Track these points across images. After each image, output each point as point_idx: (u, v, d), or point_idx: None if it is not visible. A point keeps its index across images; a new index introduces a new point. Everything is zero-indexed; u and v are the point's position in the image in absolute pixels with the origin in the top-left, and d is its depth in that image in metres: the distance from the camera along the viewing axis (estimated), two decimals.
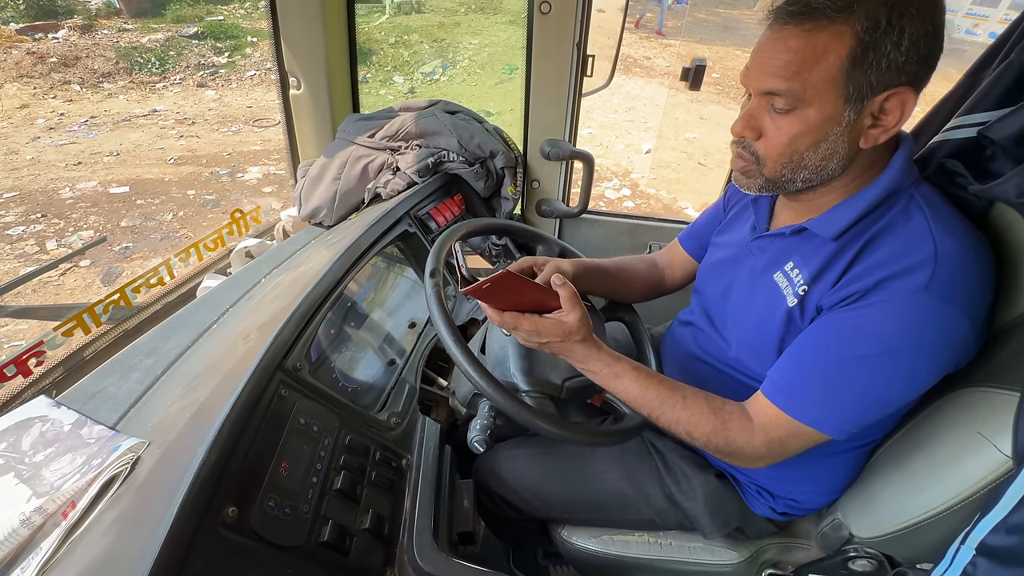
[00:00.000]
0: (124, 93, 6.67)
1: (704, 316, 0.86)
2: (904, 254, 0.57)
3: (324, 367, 0.80)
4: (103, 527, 0.51)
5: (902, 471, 0.69)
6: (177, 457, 0.54)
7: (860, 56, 0.53)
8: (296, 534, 0.56)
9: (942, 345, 0.57)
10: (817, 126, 0.58)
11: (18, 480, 0.63)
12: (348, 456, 0.68)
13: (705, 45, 8.98)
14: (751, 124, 0.62)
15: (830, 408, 0.61)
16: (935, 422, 0.67)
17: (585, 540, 0.89)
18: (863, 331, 0.57)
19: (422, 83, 7.14)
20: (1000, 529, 0.56)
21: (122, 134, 5.57)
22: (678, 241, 1.00)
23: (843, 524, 0.77)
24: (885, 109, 0.56)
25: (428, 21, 8.89)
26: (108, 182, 4.62)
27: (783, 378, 0.64)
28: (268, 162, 5.13)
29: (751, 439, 0.65)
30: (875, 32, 0.52)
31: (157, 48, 7.43)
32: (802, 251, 0.68)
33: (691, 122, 5.87)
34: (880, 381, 0.58)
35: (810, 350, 0.62)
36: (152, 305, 1.05)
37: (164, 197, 4.45)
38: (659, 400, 0.68)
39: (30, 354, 0.83)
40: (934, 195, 0.61)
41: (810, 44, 0.54)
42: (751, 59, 0.60)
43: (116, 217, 4.17)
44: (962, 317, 0.55)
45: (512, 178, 1.30)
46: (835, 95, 0.55)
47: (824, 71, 0.54)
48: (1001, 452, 0.57)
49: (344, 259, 0.89)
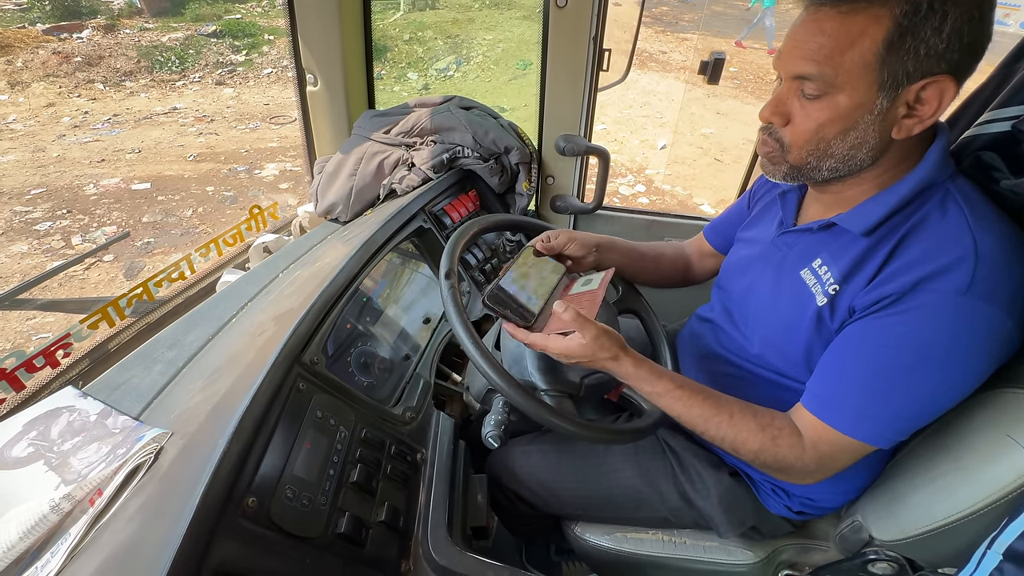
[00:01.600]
0: (145, 91, 6.81)
1: (725, 313, 0.84)
2: (941, 252, 0.55)
3: (340, 361, 0.81)
4: (128, 514, 0.52)
5: (928, 474, 0.67)
6: (199, 448, 0.55)
7: (897, 41, 0.51)
8: (314, 525, 0.57)
9: (988, 348, 0.55)
10: (847, 113, 0.56)
11: (47, 468, 0.65)
12: (364, 449, 0.69)
13: (722, 39, 8.83)
14: (779, 109, 0.60)
15: (879, 421, 0.59)
16: (962, 424, 0.65)
17: (599, 537, 0.89)
18: (906, 341, 0.56)
19: (436, 79, 7.15)
20: None
21: (143, 132, 5.69)
22: (703, 234, 1.00)
23: (863, 526, 0.76)
24: (922, 98, 0.54)
25: (442, 17, 8.89)
26: (130, 179, 4.73)
27: (827, 392, 0.62)
28: (284, 159, 5.20)
29: (801, 455, 0.63)
30: (915, 16, 0.50)
31: (177, 47, 7.56)
32: (831, 248, 0.66)
33: (707, 117, 5.78)
34: (929, 390, 0.57)
35: (853, 361, 0.60)
36: (174, 299, 1.07)
37: (184, 193, 4.54)
38: (703, 418, 0.66)
39: (58, 346, 0.85)
40: (971, 189, 0.59)
41: (845, 27, 0.52)
42: (784, 42, 0.59)
43: (138, 213, 4.27)
44: (1005, 316, 0.53)
45: (527, 174, 1.29)
46: (868, 81, 0.53)
47: (858, 55, 0.52)
48: None
49: (360, 255, 0.90)
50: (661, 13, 10.14)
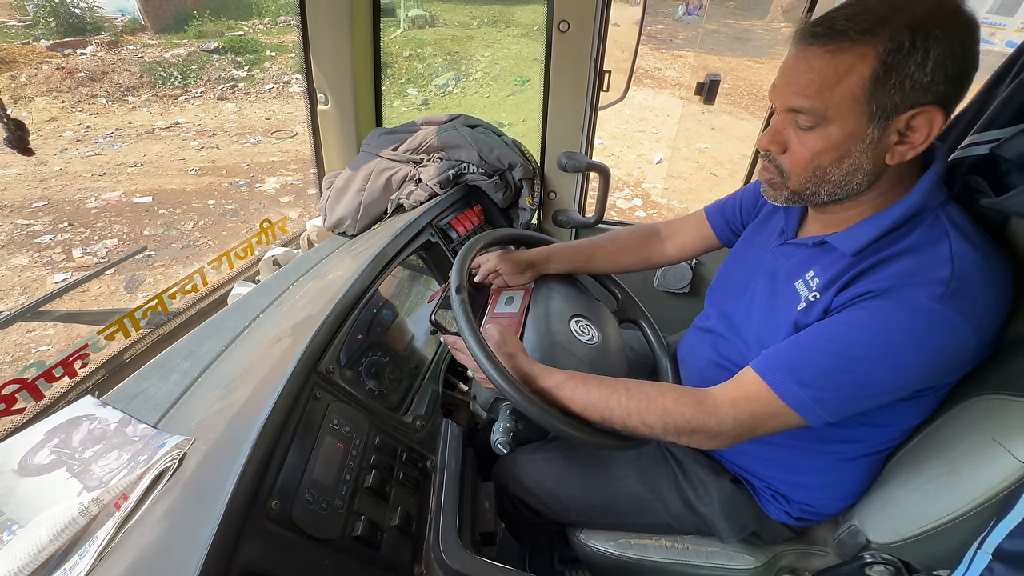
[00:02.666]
0: (148, 106, 6.89)
1: (724, 321, 0.86)
2: (921, 268, 0.59)
3: (352, 371, 0.83)
4: (155, 518, 0.54)
5: (920, 477, 0.70)
6: (222, 454, 0.58)
7: (883, 77, 0.54)
8: (332, 528, 0.59)
9: (945, 356, 0.58)
10: (840, 143, 0.59)
11: (70, 474, 0.67)
12: (378, 456, 0.71)
13: (716, 56, 9.02)
14: (776, 139, 0.64)
15: (816, 393, 0.61)
16: (952, 429, 0.68)
17: (603, 543, 0.90)
18: (872, 328, 0.59)
19: (436, 95, 7.27)
20: (1016, 534, 0.57)
21: (145, 146, 5.75)
22: (703, 213, 0.99)
23: (860, 530, 0.78)
24: (912, 127, 0.57)
25: (442, 34, 9.06)
26: (132, 192, 4.77)
27: (779, 355, 0.64)
28: (285, 172, 5.26)
29: (715, 412, 0.65)
30: (898, 53, 0.53)
31: (180, 63, 7.67)
32: (822, 262, 0.69)
33: (703, 132, 5.89)
34: (874, 381, 0.59)
35: (814, 334, 0.63)
36: (186, 311, 1.10)
37: (185, 207, 4.58)
38: (604, 399, 0.69)
39: (76, 356, 0.88)
40: (961, 217, 0.62)
41: (832, 65, 0.56)
42: (778, 76, 0.63)
43: (139, 226, 4.30)
44: (971, 332, 0.57)
45: (530, 189, 1.33)
46: (858, 113, 0.57)
47: (846, 90, 0.56)
48: (1017, 459, 0.58)
49: (371, 268, 0.93)
50: (656, 31, 10.36)
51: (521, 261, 0.96)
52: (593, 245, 1.01)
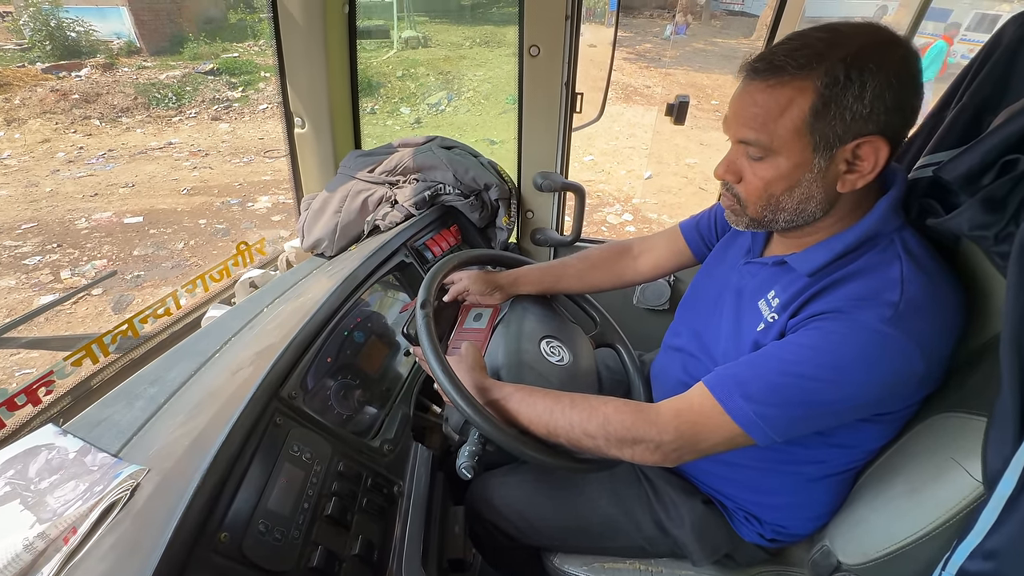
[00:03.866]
0: (141, 127, 6.95)
1: (696, 340, 0.86)
2: (871, 292, 0.60)
3: (319, 395, 0.82)
4: (101, 552, 0.53)
5: (884, 496, 0.70)
6: (174, 483, 0.57)
7: (822, 109, 0.56)
8: (286, 559, 0.58)
9: (893, 376, 0.59)
10: (788, 172, 0.61)
11: (23, 507, 0.66)
12: (339, 483, 0.70)
13: (703, 73, 9.20)
14: (731, 168, 0.66)
15: (762, 410, 0.60)
16: (913, 447, 0.68)
17: (577, 568, 0.89)
18: (819, 347, 0.59)
19: (428, 114, 7.37)
20: (977, 555, 0.57)
21: (138, 166, 5.78)
22: (678, 228, 0.99)
23: (831, 551, 0.77)
24: (859, 156, 0.59)
25: (434, 55, 9.23)
26: (123, 212, 4.77)
27: (730, 370, 0.64)
28: (278, 191, 5.28)
29: (656, 421, 0.65)
30: (835, 87, 0.55)
31: (174, 84, 7.76)
32: (782, 282, 0.70)
33: (691, 148, 5.98)
34: (821, 397, 0.59)
35: (765, 354, 0.63)
36: (158, 335, 1.09)
37: (176, 226, 4.58)
38: (548, 410, 0.69)
39: (40, 383, 0.87)
40: (915, 241, 0.63)
41: (774, 98, 0.58)
42: (728, 108, 0.64)
43: (129, 246, 4.29)
44: (917, 355, 0.57)
45: (506, 209, 1.34)
46: (802, 145, 0.59)
47: (789, 123, 0.58)
48: (973, 477, 0.58)
49: (343, 289, 0.93)
50: (645, 50, 10.59)
51: (490, 283, 0.96)
52: (563, 265, 1.02)
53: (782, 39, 0.59)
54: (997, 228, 0.55)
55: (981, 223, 0.56)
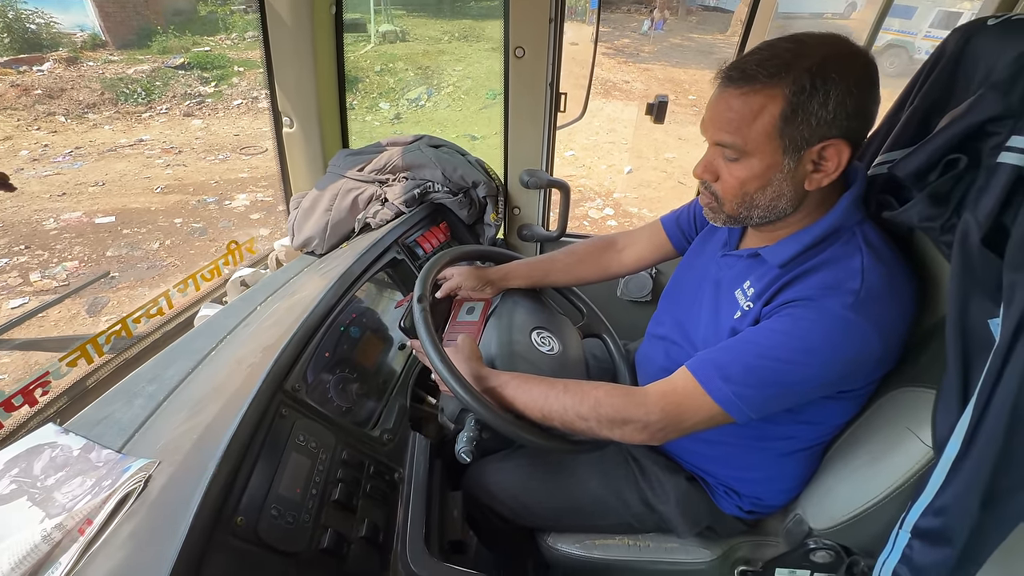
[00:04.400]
0: (110, 123, 6.72)
1: (678, 328, 0.91)
2: (836, 281, 0.66)
3: (319, 388, 0.85)
4: (120, 540, 0.56)
5: (849, 466, 0.76)
6: (188, 473, 0.59)
7: (791, 115, 0.62)
8: (298, 541, 0.61)
9: (854, 357, 0.65)
10: (761, 172, 0.66)
11: (31, 503, 0.67)
12: (344, 470, 0.73)
13: (681, 68, 9.33)
14: (709, 169, 0.71)
15: (740, 389, 0.66)
16: (874, 421, 0.75)
17: (569, 546, 0.94)
18: (794, 333, 0.65)
19: (408, 109, 7.31)
20: (929, 512, 0.63)
21: (108, 164, 5.59)
22: (659, 223, 1.04)
23: (803, 519, 0.84)
24: (824, 157, 0.64)
25: (413, 49, 9.13)
26: (93, 212, 4.63)
27: (710, 355, 0.70)
28: (256, 188, 5.19)
29: (643, 402, 0.70)
30: (802, 95, 0.60)
31: (143, 79, 7.51)
32: (757, 272, 0.76)
33: (670, 143, 6.08)
34: (792, 377, 0.65)
35: (742, 339, 0.69)
36: (151, 334, 1.09)
37: (151, 226, 4.47)
38: (544, 395, 0.74)
39: (36, 384, 0.87)
40: (874, 234, 0.69)
41: (748, 104, 0.63)
42: (705, 112, 0.69)
43: (101, 247, 4.18)
44: (875, 337, 0.64)
45: (494, 206, 1.38)
46: (773, 147, 0.64)
47: (761, 127, 0.63)
48: (925, 444, 0.65)
49: (338, 286, 0.95)
50: (623, 45, 10.67)
51: (482, 278, 1.00)
52: (550, 259, 1.06)
53: (753, 49, 0.64)
54: (942, 220, 0.61)
55: (929, 215, 0.62)
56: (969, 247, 0.56)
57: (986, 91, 0.57)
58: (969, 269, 0.57)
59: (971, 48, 0.65)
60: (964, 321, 0.59)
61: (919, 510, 0.65)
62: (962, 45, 0.66)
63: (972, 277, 0.57)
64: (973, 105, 0.58)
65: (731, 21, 11.99)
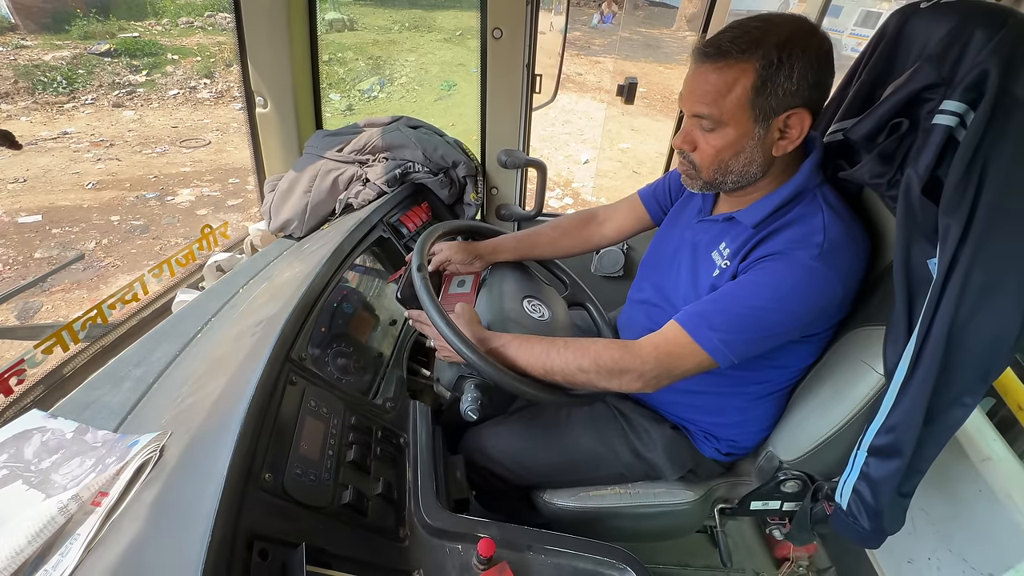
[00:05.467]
0: (26, 115, 6.14)
1: (658, 292, 0.98)
2: (803, 235, 0.74)
3: (320, 361, 0.86)
4: (145, 505, 0.56)
5: (813, 401, 0.86)
6: (209, 437, 0.60)
7: (761, 86, 0.69)
8: (322, 496, 0.63)
9: (820, 302, 0.74)
10: (736, 140, 0.74)
11: (28, 486, 0.65)
12: (356, 434, 0.75)
13: (631, 62, 9.61)
14: (687, 139, 0.78)
15: (724, 336, 0.73)
16: (835, 359, 0.85)
17: (565, 499, 1.00)
18: (767, 283, 0.73)
19: (360, 100, 7.12)
20: (882, 432, 0.73)
21: (28, 159, 5.12)
22: (637, 196, 1.10)
23: (774, 455, 0.94)
24: (788, 125, 0.72)
25: (362, 39, 8.88)
26: (15, 211, 4.24)
27: (696, 307, 0.77)
28: (200, 183, 4.92)
29: (639, 353, 0.76)
30: (770, 68, 0.68)
31: (63, 66, 6.89)
32: (731, 234, 0.84)
33: (624, 133, 6.26)
34: (768, 322, 0.74)
35: (723, 292, 0.77)
36: (127, 321, 1.05)
37: (84, 224, 4.15)
38: (545, 352, 0.79)
39: (11, 372, 0.83)
40: (832, 195, 0.78)
41: (723, 78, 0.70)
42: (683, 87, 0.76)
43: (28, 248, 3.85)
44: (838, 283, 0.73)
45: (473, 186, 1.41)
46: (746, 117, 0.71)
47: (735, 99, 0.70)
48: (877, 372, 0.75)
49: (330, 263, 0.96)
50: (575, 38, 10.83)
51: (471, 251, 1.04)
52: (536, 233, 1.11)
53: (724, 28, 0.71)
54: (889, 176, 0.71)
55: (878, 173, 0.72)
56: (911, 197, 0.66)
57: (922, 64, 0.67)
58: (911, 216, 0.67)
59: (908, 28, 0.75)
60: (908, 262, 0.69)
61: (874, 430, 0.75)
62: (900, 25, 0.75)
63: (914, 223, 0.67)
64: (911, 76, 0.68)
65: (676, 17, 12.43)
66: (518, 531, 0.71)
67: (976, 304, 0.63)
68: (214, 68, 7.45)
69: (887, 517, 0.76)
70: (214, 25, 8.72)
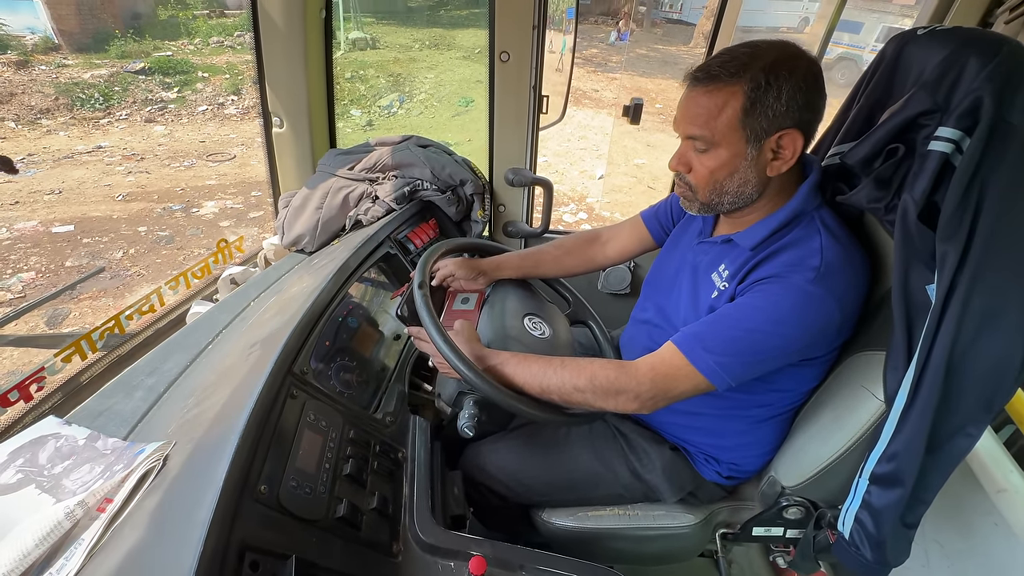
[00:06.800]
0: (65, 129, 6.44)
1: (660, 313, 0.98)
2: (800, 258, 0.74)
3: (323, 374, 0.88)
4: (146, 512, 0.58)
5: (815, 426, 0.85)
6: (209, 448, 0.62)
7: (750, 108, 0.70)
8: (317, 510, 0.64)
9: (817, 325, 0.73)
10: (729, 161, 0.75)
11: (40, 491, 0.68)
12: (353, 447, 0.77)
13: (647, 78, 9.65)
14: (682, 161, 0.79)
15: (720, 359, 0.72)
16: (836, 384, 0.84)
17: (563, 519, 0.99)
18: (764, 306, 0.73)
19: (380, 116, 7.29)
20: (883, 459, 0.72)
21: (64, 171, 5.36)
22: (640, 217, 1.11)
23: (776, 480, 0.92)
24: (781, 145, 0.73)
25: (383, 56, 9.13)
26: (50, 221, 4.44)
27: (692, 329, 0.77)
28: (224, 196, 5.07)
29: (635, 375, 0.76)
30: (758, 90, 0.69)
31: (100, 84, 7.24)
32: (731, 256, 0.84)
33: (639, 149, 6.28)
34: (765, 345, 0.73)
35: (720, 314, 0.77)
36: (144, 331, 1.09)
37: (113, 235, 4.32)
38: (542, 371, 0.79)
39: (32, 379, 0.87)
40: (831, 217, 0.78)
41: (713, 100, 0.71)
42: (677, 111, 0.78)
43: (60, 257, 4.01)
44: (835, 307, 0.72)
45: (480, 203, 1.43)
46: (737, 137, 0.72)
47: (726, 120, 0.71)
48: (878, 399, 0.74)
49: (336, 278, 0.99)
50: (592, 55, 10.96)
51: (475, 268, 1.05)
52: (540, 252, 1.12)
53: (715, 54, 0.73)
54: (886, 200, 0.71)
55: (875, 197, 0.71)
56: (908, 223, 0.66)
57: (918, 90, 0.67)
58: (909, 242, 0.66)
59: (905, 54, 0.75)
60: (906, 288, 0.68)
61: (875, 458, 0.73)
62: (898, 51, 0.76)
63: (911, 249, 0.66)
64: (908, 102, 0.68)
65: (694, 34, 12.48)
66: (511, 550, 0.72)
67: (976, 331, 0.62)
68: (241, 85, 7.73)
69: (890, 548, 0.74)
70: (243, 44, 9.08)
